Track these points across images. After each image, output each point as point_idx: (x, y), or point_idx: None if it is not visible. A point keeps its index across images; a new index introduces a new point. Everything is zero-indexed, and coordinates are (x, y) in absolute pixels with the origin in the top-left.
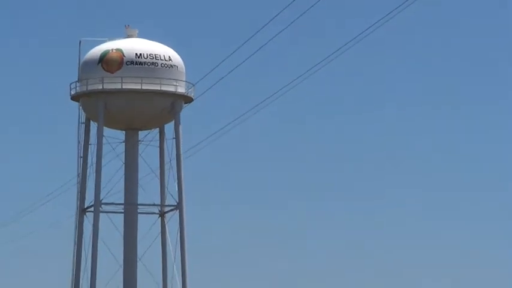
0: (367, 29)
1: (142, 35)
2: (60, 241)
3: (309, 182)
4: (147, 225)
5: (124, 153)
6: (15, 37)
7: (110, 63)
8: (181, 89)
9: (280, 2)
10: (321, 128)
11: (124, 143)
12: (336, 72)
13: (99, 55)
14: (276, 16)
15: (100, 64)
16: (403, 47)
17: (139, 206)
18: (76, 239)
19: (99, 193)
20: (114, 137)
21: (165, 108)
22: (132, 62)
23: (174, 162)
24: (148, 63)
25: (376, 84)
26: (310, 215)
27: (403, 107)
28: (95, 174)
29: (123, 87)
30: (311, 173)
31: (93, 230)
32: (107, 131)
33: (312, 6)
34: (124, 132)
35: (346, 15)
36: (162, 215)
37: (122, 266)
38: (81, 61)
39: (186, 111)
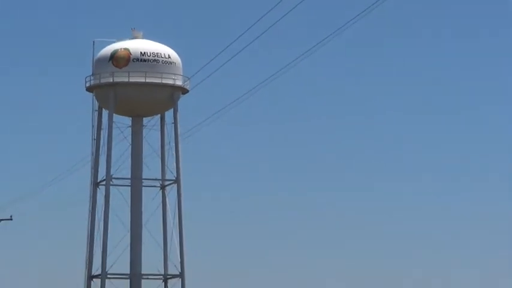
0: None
1: (146, 36)
2: (77, 210)
3: (301, 152)
4: (150, 197)
5: (130, 136)
6: (39, 38)
7: (118, 60)
8: (178, 82)
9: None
10: (309, 117)
11: (130, 128)
12: (325, 61)
13: (109, 53)
14: (261, 18)
15: (110, 61)
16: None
17: (143, 180)
18: (90, 208)
19: (110, 169)
20: (122, 122)
21: (165, 98)
22: (137, 59)
23: (172, 143)
24: (151, 60)
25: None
26: (305, 185)
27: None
28: (106, 153)
29: (130, 80)
30: (301, 147)
31: (105, 200)
32: (116, 117)
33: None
34: (130, 118)
35: (332, 11)
36: (162, 187)
37: (129, 231)
38: (95, 58)
39: (182, 100)
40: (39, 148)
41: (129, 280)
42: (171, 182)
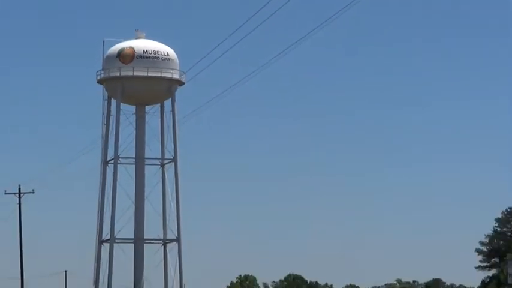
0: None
1: (148, 36)
2: (89, 184)
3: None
4: (151, 173)
5: (135, 122)
6: (57, 38)
7: (125, 57)
8: (176, 76)
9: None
10: (295, 105)
11: (135, 114)
12: (315, 52)
13: (117, 51)
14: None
15: (118, 58)
16: None
17: (145, 159)
18: (101, 183)
19: (118, 150)
20: (128, 110)
21: (164, 89)
22: (141, 56)
23: (171, 128)
24: (152, 57)
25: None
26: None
27: None
28: (114, 136)
29: (135, 74)
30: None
31: (113, 176)
32: (122, 105)
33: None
34: (135, 106)
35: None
36: (162, 165)
37: (134, 203)
38: (104, 55)
39: (179, 91)
40: (57, 132)
41: (133, 244)
42: (170, 160)
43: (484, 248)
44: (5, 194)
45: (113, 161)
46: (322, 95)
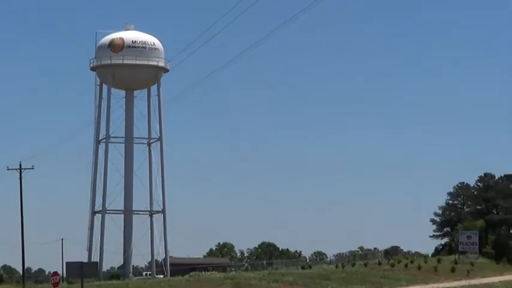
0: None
1: (137, 28)
2: (83, 161)
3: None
4: (139, 151)
5: (124, 105)
6: (55, 30)
7: (115, 46)
8: (161, 64)
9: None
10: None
11: (124, 98)
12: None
13: (108, 41)
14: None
15: (109, 47)
16: None
17: (134, 138)
18: (94, 160)
19: (109, 130)
20: (118, 94)
21: (151, 75)
22: (129, 46)
23: (157, 111)
24: (140, 47)
25: None
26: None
27: None
28: (106, 118)
29: (124, 62)
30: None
31: (105, 154)
32: (113, 90)
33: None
34: (124, 91)
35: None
36: (149, 144)
37: (123, 177)
38: (97, 45)
39: (164, 77)
40: (54, 114)
41: (123, 215)
42: (155, 140)
43: (438, 219)
44: (7, 169)
45: (104, 140)
46: (301, 78)
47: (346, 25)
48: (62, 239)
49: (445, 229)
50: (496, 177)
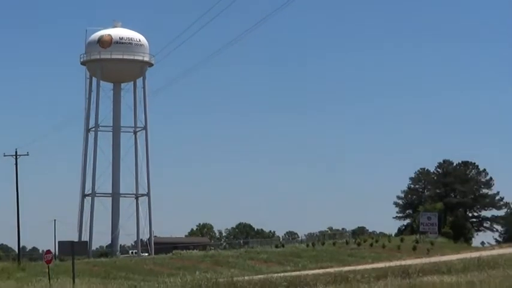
0: None
1: (124, 25)
2: (74, 148)
3: None
4: (126, 139)
5: (112, 96)
6: (48, 28)
7: (104, 42)
8: (146, 59)
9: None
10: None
11: (112, 90)
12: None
13: (97, 38)
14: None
15: (98, 43)
16: None
17: (121, 127)
18: (83, 148)
19: (98, 120)
20: (106, 87)
21: (136, 69)
22: (117, 42)
23: (142, 101)
24: (127, 43)
25: None
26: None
27: None
28: (95, 108)
29: (112, 57)
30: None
31: (94, 141)
32: (102, 83)
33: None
34: (112, 84)
35: None
36: (135, 133)
37: (111, 163)
38: (86, 41)
39: (149, 71)
40: (47, 105)
41: (111, 198)
42: (141, 128)
43: (400, 202)
44: (4, 156)
45: (94, 129)
46: (286, 67)
47: None
48: (55, 220)
49: (407, 211)
50: (454, 164)
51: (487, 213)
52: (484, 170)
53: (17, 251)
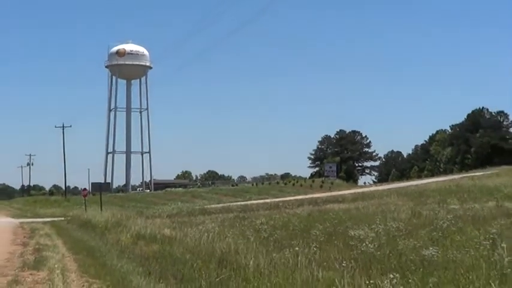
0: None
1: (133, 42)
2: (101, 123)
3: None
4: (135, 116)
5: (125, 88)
6: (80, 42)
7: (120, 53)
8: (147, 64)
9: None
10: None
11: (125, 85)
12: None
13: (116, 50)
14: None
15: (116, 54)
16: None
17: (132, 109)
18: (107, 123)
19: (116, 103)
20: (122, 82)
21: (142, 70)
22: (129, 53)
23: (144, 92)
24: (135, 53)
25: None
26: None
27: None
28: (114, 97)
29: (125, 63)
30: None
31: (114, 118)
32: (119, 80)
33: None
34: (125, 80)
35: None
36: (140, 112)
37: (125, 131)
38: (109, 52)
39: (150, 72)
40: (84, 93)
41: (125, 154)
42: (145, 109)
43: (312, 156)
44: (55, 127)
45: (113, 110)
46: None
47: None
48: (89, 169)
49: (316, 162)
50: (347, 132)
51: (367, 163)
52: (366, 136)
53: (64, 188)
